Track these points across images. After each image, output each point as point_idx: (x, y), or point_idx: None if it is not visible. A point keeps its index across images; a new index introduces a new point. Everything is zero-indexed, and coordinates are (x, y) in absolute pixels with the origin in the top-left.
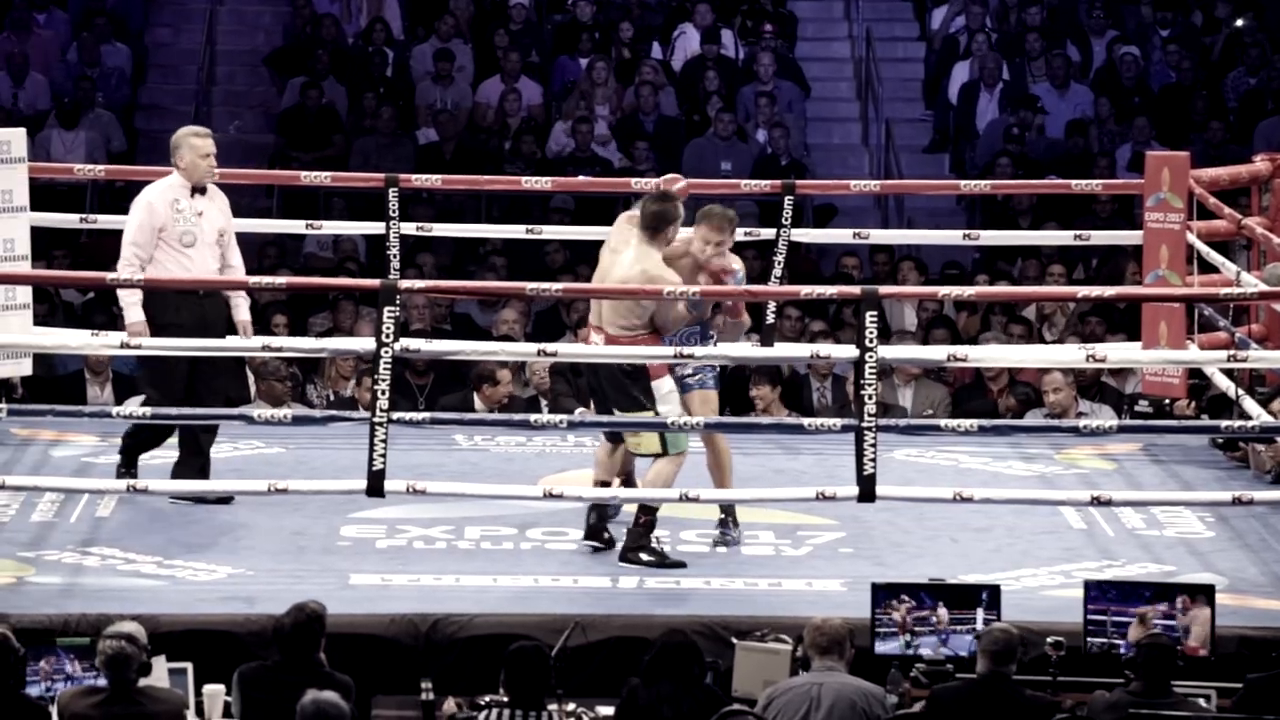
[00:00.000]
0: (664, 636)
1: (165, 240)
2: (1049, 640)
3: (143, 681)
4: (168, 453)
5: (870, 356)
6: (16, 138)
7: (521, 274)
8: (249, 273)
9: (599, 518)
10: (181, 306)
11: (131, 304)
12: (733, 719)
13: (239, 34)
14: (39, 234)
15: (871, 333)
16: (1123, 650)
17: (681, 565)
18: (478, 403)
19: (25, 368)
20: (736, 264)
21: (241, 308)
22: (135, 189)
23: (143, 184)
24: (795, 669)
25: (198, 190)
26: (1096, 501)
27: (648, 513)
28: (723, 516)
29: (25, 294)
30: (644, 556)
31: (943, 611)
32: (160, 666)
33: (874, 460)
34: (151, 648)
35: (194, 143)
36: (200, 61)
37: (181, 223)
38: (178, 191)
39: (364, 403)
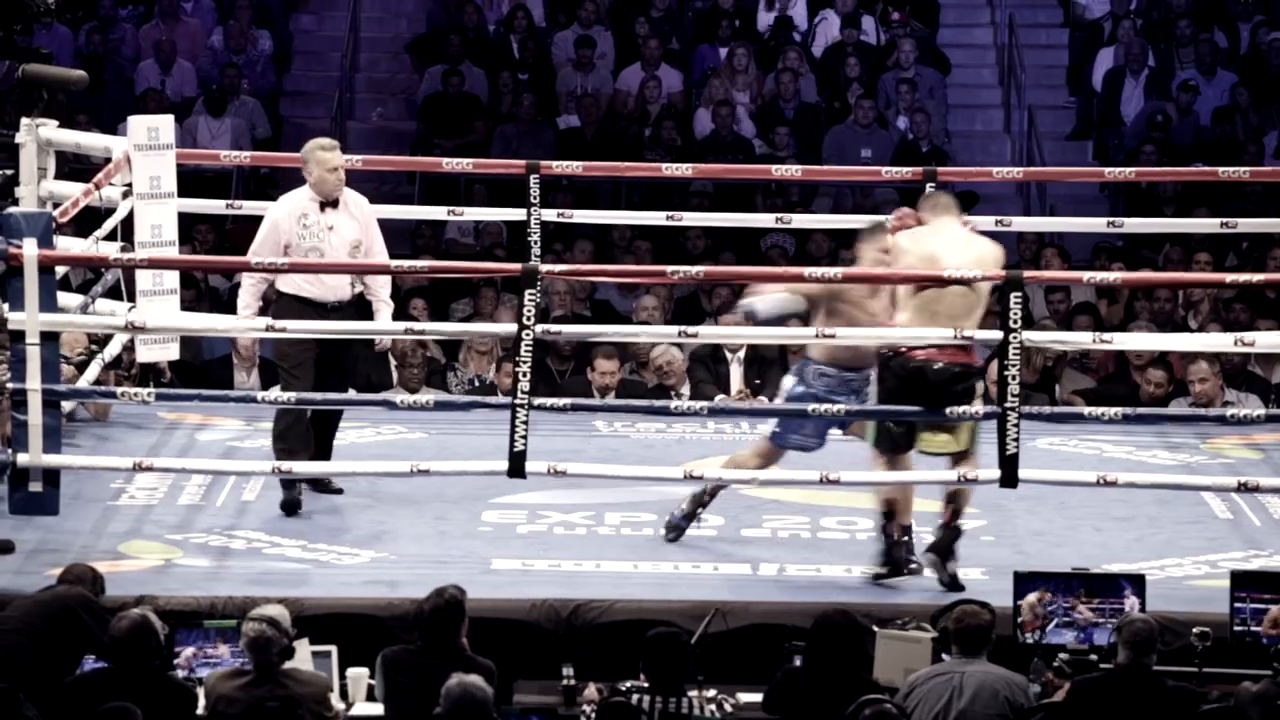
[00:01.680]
0: (824, 617)
1: (292, 256)
2: (1195, 631)
3: (287, 664)
4: None
5: (1014, 339)
6: (165, 124)
7: (663, 260)
8: (401, 258)
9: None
10: (303, 318)
11: (248, 313)
12: (871, 706)
13: (382, 21)
14: (186, 220)
15: (1015, 315)
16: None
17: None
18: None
19: (173, 352)
20: None
21: (384, 313)
22: (280, 175)
23: (287, 171)
24: (937, 657)
25: (328, 204)
26: (1243, 487)
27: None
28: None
29: (173, 279)
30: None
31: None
32: (304, 649)
33: (1017, 444)
34: (296, 630)
35: (321, 156)
36: (344, 49)
37: (308, 238)
38: (306, 205)
39: (504, 388)
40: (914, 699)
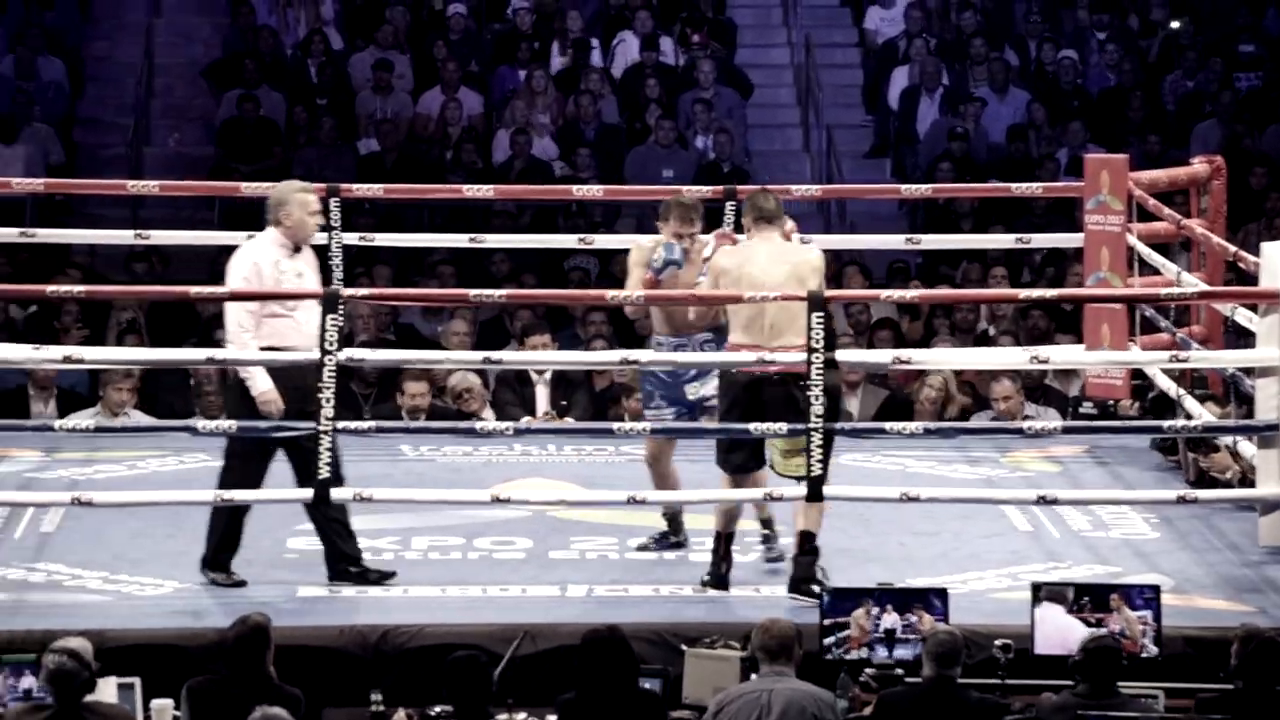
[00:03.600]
0: (586, 636)
1: (269, 306)
2: (997, 643)
3: (89, 697)
4: (112, 467)
5: (816, 358)
6: None
7: (467, 283)
8: (201, 283)
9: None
10: (292, 374)
11: (256, 373)
12: None
13: (177, 46)
14: None
15: (817, 334)
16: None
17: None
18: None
19: None
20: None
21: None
22: (75, 202)
23: (83, 197)
24: (745, 674)
25: (295, 249)
26: (1042, 500)
27: (810, 540)
28: (766, 532)
29: None
30: (813, 588)
31: (892, 616)
32: (108, 682)
33: (821, 462)
34: (99, 663)
35: (302, 198)
36: (139, 74)
37: (286, 284)
38: (278, 251)
39: None
40: (722, 717)
